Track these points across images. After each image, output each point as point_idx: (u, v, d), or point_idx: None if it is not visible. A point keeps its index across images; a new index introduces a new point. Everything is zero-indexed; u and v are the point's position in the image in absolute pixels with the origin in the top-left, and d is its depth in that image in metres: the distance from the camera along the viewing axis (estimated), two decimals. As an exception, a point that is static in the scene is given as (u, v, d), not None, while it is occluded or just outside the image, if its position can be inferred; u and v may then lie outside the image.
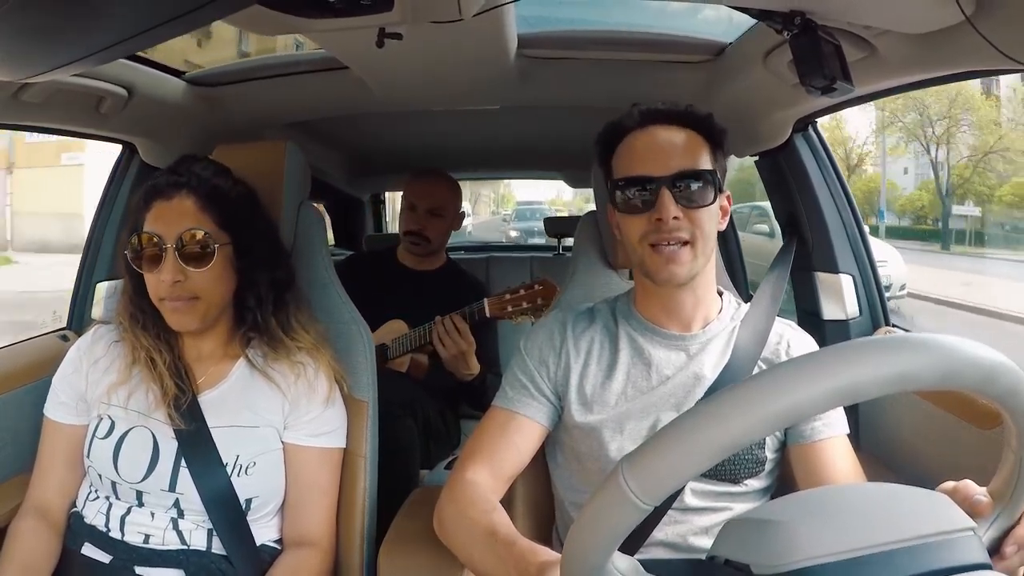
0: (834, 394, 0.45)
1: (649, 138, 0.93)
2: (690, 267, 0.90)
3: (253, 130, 1.64)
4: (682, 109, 0.94)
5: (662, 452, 0.47)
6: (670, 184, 0.89)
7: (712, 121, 0.94)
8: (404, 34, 0.93)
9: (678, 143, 0.91)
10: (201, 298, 0.97)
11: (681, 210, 0.88)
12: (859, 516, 0.50)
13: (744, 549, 0.51)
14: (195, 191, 0.98)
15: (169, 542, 0.96)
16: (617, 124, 0.96)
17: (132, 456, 0.97)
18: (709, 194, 0.91)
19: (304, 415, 1.03)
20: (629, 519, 0.47)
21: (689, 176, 0.90)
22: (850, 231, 1.36)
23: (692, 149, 0.92)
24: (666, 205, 0.88)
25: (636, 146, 0.93)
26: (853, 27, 0.88)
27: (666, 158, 0.90)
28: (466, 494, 0.89)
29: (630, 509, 0.47)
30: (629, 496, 0.46)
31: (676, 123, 0.93)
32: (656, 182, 0.89)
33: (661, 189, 0.89)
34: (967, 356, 0.47)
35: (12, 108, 1.09)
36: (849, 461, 0.92)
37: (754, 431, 0.45)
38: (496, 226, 18.25)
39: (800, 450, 0.93)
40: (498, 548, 0.76)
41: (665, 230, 0.88)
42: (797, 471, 0.94)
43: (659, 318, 0.98)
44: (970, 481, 0.60)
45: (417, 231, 1.79)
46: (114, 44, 0.61)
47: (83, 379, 1.04)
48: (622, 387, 0.96)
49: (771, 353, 0.98)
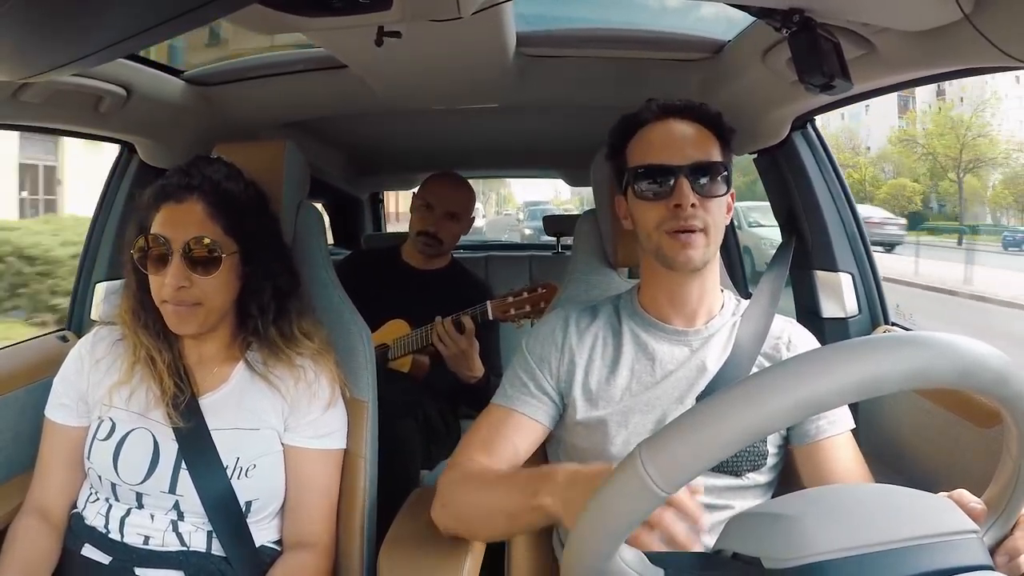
0: (858, 386, 0.45)
1: (666, 129, 0.95)
2: (704, 253, 0.93)
3: (252, 129, 1.64)
4: (697, 105, 0.97)
5: (685, 437, 0.46)
6: (687, 173, 0.91)
7: (722, 119, 0.98)
8: (403, 32, 0.93)
9: (694, 136, 0.95)
10: (203, 304, 0.97)
11: (697, 198, 0.91)
12: (868, 515, 0.51)
13: (753, 543, 0.51)
14: (205, 196, 0.97)
15: (169, 543, 0.96)
16: (634, 116, 0.99)
17: (132, 458, 0.97)
18: (722, 186, 0.94)
19: (304, 417, 1.03)
20: (645, 506, 0.47)
21: (705, 167, 0.93)
22: (849, 229, 1.36)
23: (706, 143, 0.95)
24: (685, 193, 0.91)
25: (654, 136, 0.96)
26: (852, 25, 0.88)
27: (683, 149, 0.93)
28: (468, 473, 0.91)
29: (647, 496, 0.46)
30: (647, 482, 0.46)
31: (690, 118, 0.96)
32: (675, 171, 0.92)
33: (679, 178, 0.91)
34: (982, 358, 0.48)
35: (11, 108, 1.09)
36: (854, 458, 0.93)
37: (777, 420, 0.46)
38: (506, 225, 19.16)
39: (805, 449, 0.94)
40: (518, 478, 0.81)
41: (683, 217, 0.91)
42: (803, 470, 0.95)
43: (664, 311, 0.99)
44: (964, 491, 0.60)
45: (432, 232, 1.79)
46: (113, 44, 0.60)
47: (84, 380, 1.03)
48: (626, 382, 0.96)
49: (771, 348, 0.99)
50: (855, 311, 1.34)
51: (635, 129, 0.98)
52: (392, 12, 0.83)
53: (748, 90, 1.27)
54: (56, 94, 1.12)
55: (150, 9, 0.55)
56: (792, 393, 0.45)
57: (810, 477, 0.93)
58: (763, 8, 0.88)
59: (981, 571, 0.48)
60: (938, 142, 18.82)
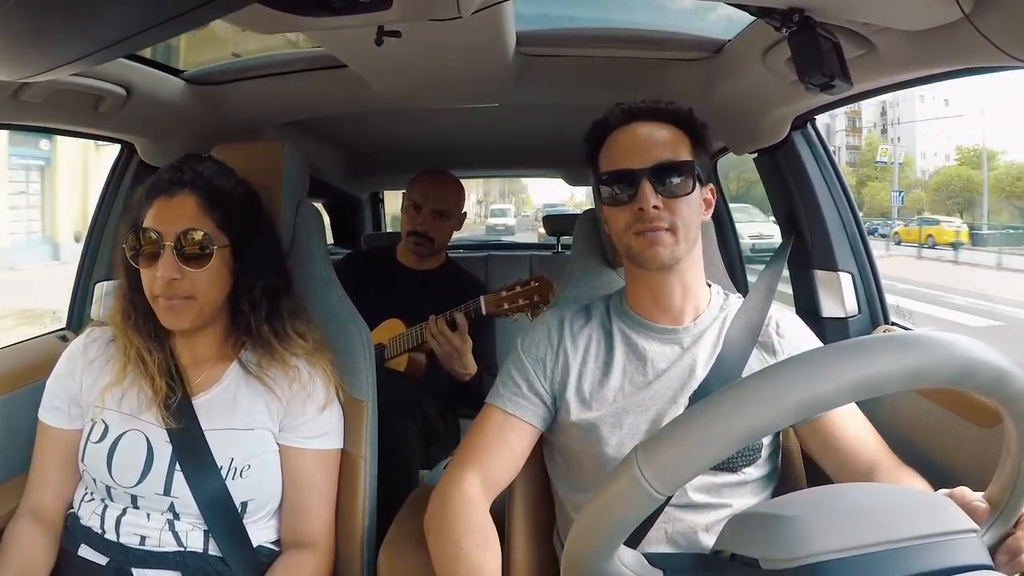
0: (854, 386, 0.45)
1: (631, 134, 0.96)
2: (672, 250, 0.93)
3: (252, 129, 1.64)
4: (662, 106, 0.98)
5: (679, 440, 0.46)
6: (650, 175, 0.92)
7: (692, 116, 0.98)
8: (403, 32, 0.93)
9: (658, 138, 0.95)
10: (195, 298, 0.97)
11: (661, 200, 0.92)
12: (866, 514, 0.50)
13: (752, 543, 0.51)
14: (197, 190, 0.97)
15: (165, 544, 0.96)
16: (601, 122, 1.00)
17: (126, 460, 0.96)
18: (688, 184, 0.94)
19: (299, 418, 1.02)
20: (642, 509, 0.47)
21: (668, 168, 0.93)
22: (849, 229, 1.36)
23: (671, 143, 0.95)
24: (646, 196, 0.92)
25: (618, 142, 0.97)
26: (852, 24, 0.88)
27: (646, 152, 0.94)
28: (461, 513, 0.90)
29: (644, 498, 0.46)
30: (643, 485, 0.46)
31: (656, 119, 0.97)
32: (637, 174, 0.93)
33: (642, 181, 0.92)
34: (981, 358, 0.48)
35: (11, 108, 1.09)
36: (863, 426, 0.94)
37: (773, 421, 0.46)
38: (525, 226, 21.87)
39: (809, 427, 0.94)
40: None
41: (646, 219, 0.92)
42: (812, 447, 0.95)
43: (650, 311, 0.99)
44: (966, 488, 0.60)
45: (421, 232, 1.79)
46: (113, 43, 0.60)
47: (77, 383, 1.03)
48: (619, 383, 0.97)
49: (764, 337, 0.99)
50: (855, 311, 1.34)
51: (604, 135, 0.99)
52: (392, 11, 0.83)
53: (748, 90, 1.27)
54: (56, 94, 1.12)
55: (150, 9, 0.55)
56: (788, 395, 0.45)
57: (820, 453, 0.94)
58: (763, 8, 0.88)
59: (981, 571, 0.48)
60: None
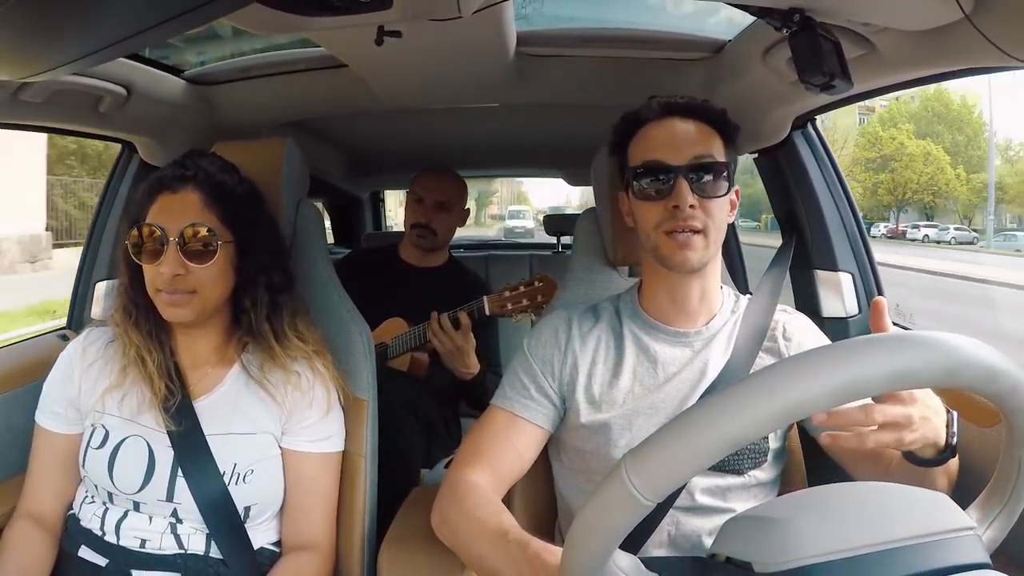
0: (833, 392, 0.45)
1: (668, 128, 0.94)
2: (702, 254, 0.92)
3: (252, 128, 1.64)
4: (699, 103, 0.96)
5: (665, 447, 0.46)
6: (686, 173, 0.91)
7: (726, 117, 0.97)
8: (403, 32, 0.93)
9: (695, 135, 0.93)
10: (199, 292, 0.96)
11: (696, 199, 0.90)
12: (860, 515, 0.50)
13: (745, 547, 0.51)
14: (201, 186, 0.97)
15: (166, 546, 0.95)
16: (635, 114, 0.98)
17: (127, 467, 0.95)
18: (722, 186, 0.93)
19: (301, 422, 1.01)
20: (631, 516, 0.47)
21: (705, 167, 0.92)
22: (849, 229, 1.36)
23: (707, 141, 0.94)
24: (683, 193, 0.90)
25: (654, 135, 0.95)
26: (852, 24, 0.88)
27: (683, 148, 0.92)
28: (470, 495, 0.88)
29: (632, 505, 0.47)
30: (631, 492, 0.46)
31: (693, 116, 0.95)
32: (673, 170, 0.91)
33: (678, 177, 0.91)
34: (967, 355, 0.47)
35: (11, 107, 1.09)
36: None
37: (760, 426, 0.45)
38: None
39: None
40: (511, 548, 0.75)
41: (680, 218, 0.90)
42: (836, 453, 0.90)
43: (665, 313, 0.98)
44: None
45: (424, 224, 1.80)
46: (113, 43, 0.60)
47: (75, 387, 1.01)
48: (629, 385, 0.96)
49: (770, 341, 0.99)
50: (855, 311, 1.34)
51: (636, 127, 0.97)
52: (392, 11, 0.83)
53: (748, 90, 1.27)
54: (56, 94, 1.12)
55: (150, 9, 0.55)
56: (773, 399, 0.45)
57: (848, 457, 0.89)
58: (763, 8, 0.88)
59: (979, 570, 0.48)
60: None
